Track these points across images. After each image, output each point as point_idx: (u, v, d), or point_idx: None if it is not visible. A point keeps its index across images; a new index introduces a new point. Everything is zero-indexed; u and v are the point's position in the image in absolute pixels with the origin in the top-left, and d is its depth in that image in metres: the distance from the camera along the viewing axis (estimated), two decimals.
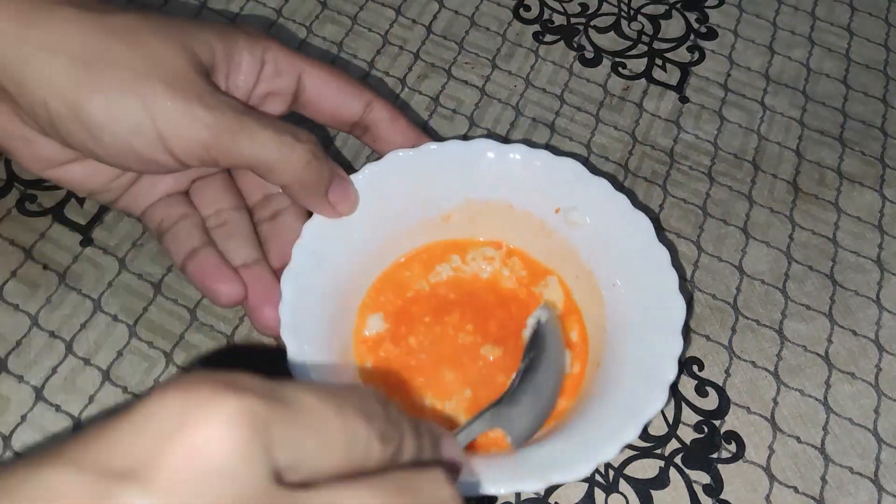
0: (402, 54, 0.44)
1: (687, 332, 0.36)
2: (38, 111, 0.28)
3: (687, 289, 0.38)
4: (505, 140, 0.42)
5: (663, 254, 0.33)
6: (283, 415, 0.17)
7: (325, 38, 0.45)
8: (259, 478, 0.16)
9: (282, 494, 0.16)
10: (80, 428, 0.33)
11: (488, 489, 0.27)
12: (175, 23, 0.30)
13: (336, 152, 0.41)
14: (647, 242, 0.33)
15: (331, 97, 0.33)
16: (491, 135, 0.42)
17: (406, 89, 0.43)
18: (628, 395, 0.30)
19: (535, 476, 0.28)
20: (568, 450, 0.29)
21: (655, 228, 0.34)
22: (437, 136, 0.42)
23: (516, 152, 0.35)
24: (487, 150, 0.35)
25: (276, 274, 0.32)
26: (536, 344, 0.32)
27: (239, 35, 0.31)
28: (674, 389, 0.35)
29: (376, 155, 0.35)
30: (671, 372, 0.30)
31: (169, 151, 0.29)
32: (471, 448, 0.31)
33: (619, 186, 0.36)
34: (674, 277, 0.32)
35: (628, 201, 0.34)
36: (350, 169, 0.41)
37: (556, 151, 0.42)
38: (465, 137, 0.42)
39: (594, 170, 0.35)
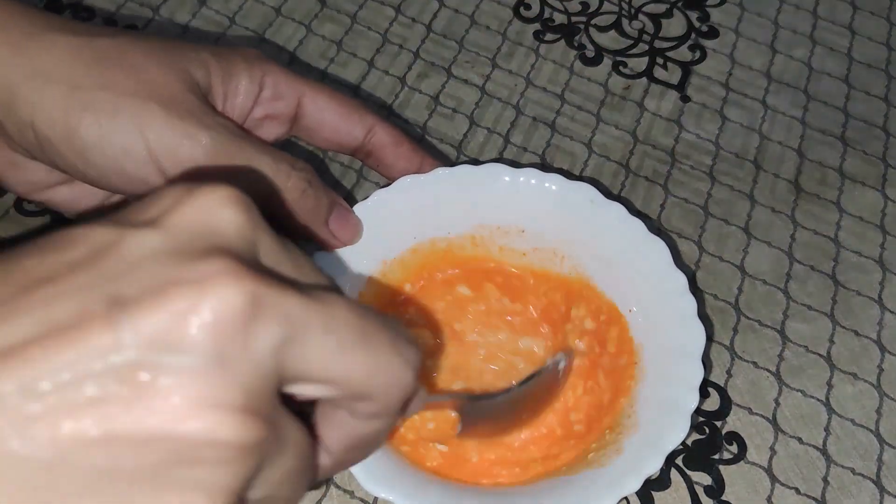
0: (402, 53, 0.44)
1: None
2: (27, 134, 0.28)
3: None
4: (505, 143, 0.42)
5: (681, 279, 0.32)
6: (272, 232, 0.19)
7: (324, 37, 0.44)
8: (248, 247, 0.18)
9: (265, 270, 0.18)
10: None
11: None
12: (169, 45, 0.29)
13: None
14: (664, 268, 0.33)
15: (331, 121, 0.32)
16: (491, 133, 0.42)
17: (406, 88, 0.43)
18: (650, 426, 0.30)
19: None
20: (591, 484, 0.28)
21: (656, 229, 0.33)
22: (437, 151, 0.42)
23: (529, 176, 0.34)
24: (499, 174, 0.34)
25: None
26: (538, 380, 0.32)
27: (237, 58, 0.31)
28: None
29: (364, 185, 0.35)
30: (692, 401, 0.30)
31: (162, 172, 0.28)
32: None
33: (635, 212, 0.36)
34: (692, 303, 0.32)
35: (644, 226, 0.33)
36: (351, 199, 0.40)
37: (557, 151, 0.42)
38: (464, 137, 0.42)
39: (607, 193, 0.35)
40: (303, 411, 0.21)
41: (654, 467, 0.28)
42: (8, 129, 0.28)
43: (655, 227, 0.39)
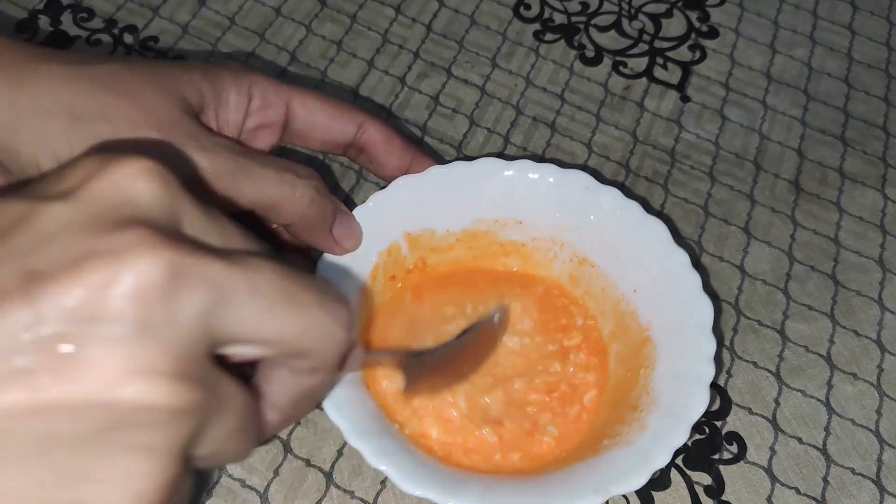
0: (402, 53, 0.44)
1: None
2: (31, 172, 0.28)
3: None
4: (505, 143, 0.42)
5: (682, 256, 0.33)
6: (195, 200, 0.20)
7: (324, 37, 0.44)
8: (166, 217, 0.18)
9: (185, 239, 0.18)
10: None
11: None
12: (160, 68, 0.30)
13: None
14: (665, 247, 0.33)
15: (321, 123, 0.33)
16: (491, 133, 0.42)
17: (406, 88, 0.43)
18: (670, 400, 0.30)
19: (595, 491, 0.28)
20: (622, 461, 0.29)
21: (655, 211, 0.33)
22: (432, 150, 0.42)
23: (523, 168, 0.35)
24: (493, 168, 0.34)
25: None
26: (475, 333, 0.33)
27: (224, 72, 0.31)
28: None
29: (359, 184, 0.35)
30: (709, 372, 0.30)
31: None
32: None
33: (629, 194, 0.36)
34: (696, 278, 0.32)
35: (640, 208, 0.34)
36: (350, 202, 0.40)
37: (558, 151, 0.42)
38: (464, 137, 0.42)
39: (601, 178, 0.35)
40: (244, 373, 0.21)
41: (680, 440, 0.29)
42: (11, 169, 0.28)
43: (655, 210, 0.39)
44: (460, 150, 0.41)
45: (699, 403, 0.30)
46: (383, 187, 0.34)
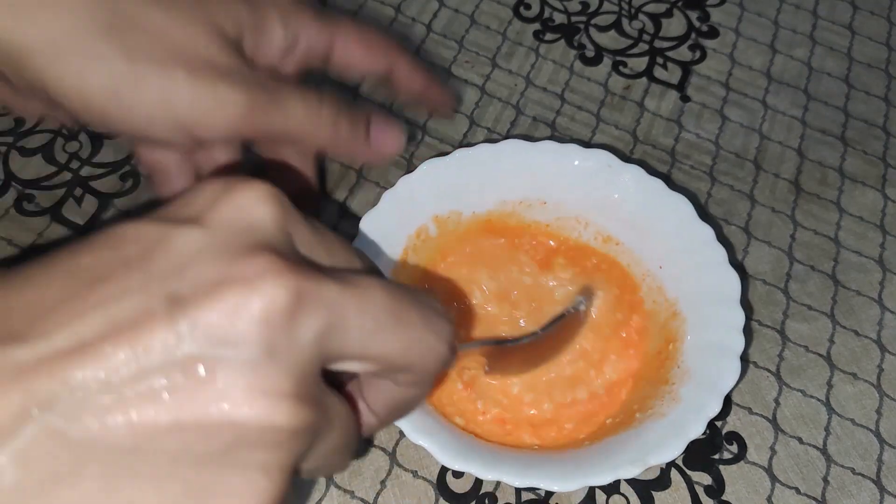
0: None
1: None
2: (39, 95, 0.27)
3: None
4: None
5: (707, 231, 0.34)
6: (306, 220, 0.21)
7: None
8: (286, 240, 0.19)
9: (303, 261, 0.19)
10: None
11: (589, 481, 0.28)
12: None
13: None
14: (689, 222, 0.34)
15: (356, 64, 0.33)
16: (491, 134, 0.42)
17: None
18: (702, 372, 0.31)
19: (632, 462, 0.28)
20: (657, 433, 0.29)
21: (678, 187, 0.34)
22: (432, 151, 0.42)
23: (546, 149, 0.35)
24: (517, 150, 0.35)
25: None
26: (562, 323, 0.33)
27: (270, 9, 0.30)
28: None
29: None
30: (739, 342, 0.31)
31: (193, 137, 0.28)
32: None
33: (653, 171, 0.37)
34: (721, 252, 0.33)
35: (664, 184, 0.35)
36: (351, 199, 0.40)
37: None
38: (464, 137, 0.42)
39: (624, 157, 0.36)
40: (338, 380, 0.23)
41: (714, 410, 0.30)
42: (19, 88, 0.27)
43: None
44: None
45: (731, 374, 0.30)
46: (385, 187, 0.34)
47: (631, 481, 0.33)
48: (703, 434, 0.30)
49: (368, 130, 0.32)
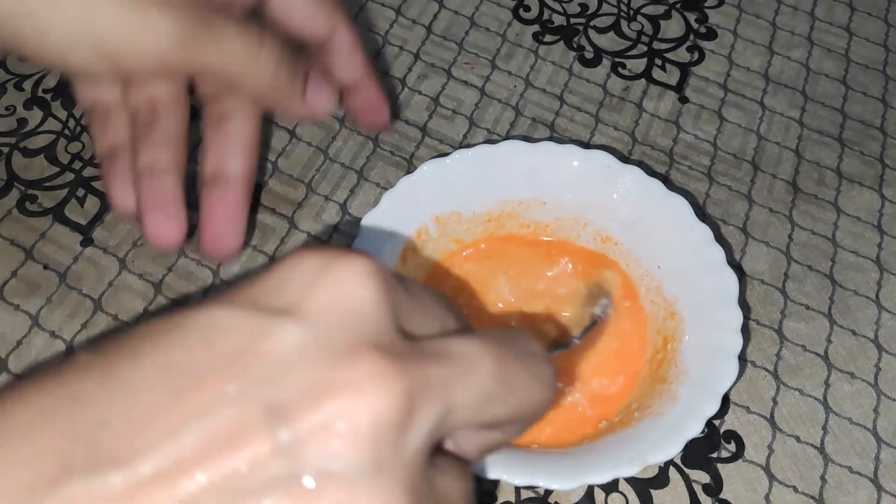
0: (402, 55, 0.45)
1: None
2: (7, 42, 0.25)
3: None
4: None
5: (705, 231, 0.34)
6: (400, 285, 0.19)
7: None
8: (389, 324, 0.18)
9: (406, 340, 0.18)
10: None
11: (588, 480, 0.28)
12: None
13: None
14: (688, 223, 0.34)
15: (297, 16, 0.31)
16: (490, 135, 0.42)
17: (406, 90, 0.43)
18: (699, 372, 0.31)
19: (631, 461, 0.29)
20: (656, 432, 0.30)
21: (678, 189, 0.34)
22: (432, 151, 0.42)
23: (545, 150, 0.36)
24: (516, 150, 0.36)
25: (205, 182, 0.30)
26: (597, 328, 0.34)
27: None
28: None
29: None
30: (737, 343, 0.31)
31: (118, 66, 0.25)
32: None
33: (651, 172, 0.37)
34: (720, 252, 0.33)
35: (662, 185, 0.35)
36: (352, 199, 0.41)
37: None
38: (464, 138, 0.42)
39: (623, 158, 0.36)
40: None
41: (712, 409, 0.30)
42: None
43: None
44: None
45: (728, 374, 0.31)
46: (386, 188, 0.34)
47: (629, 480, 0.33)
48: (701, 433, 0.30)
49: (305, 86, 0.29)
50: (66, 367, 0.16)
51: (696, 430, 0.29)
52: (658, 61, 0.46)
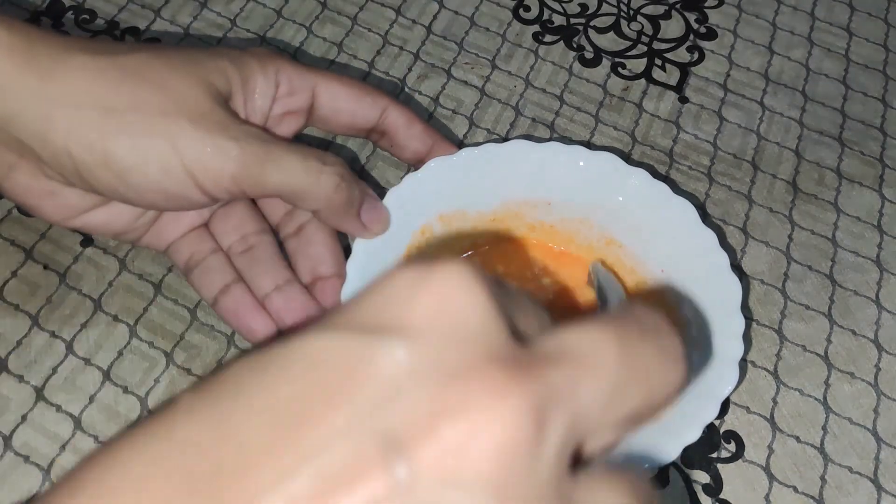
0: (402, 55, 0.45)
1: None
2: (63, 161, 0.28)
3: None
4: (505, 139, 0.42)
5: (710, 236, 0.34)
6: (500, 285, 0.17)
7: (324, 39, 0.45)
8: (501, 330, 0.16)
9: (520, 346, 0.16)
10: (80, 427, 0.33)
11: None
12: (188, 55, 0.30)
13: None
14: (692, 227, 0.34)
15: (346, 108, 0.33)
16: (490, 135, 0.42)
17: (406, 90, 0.43)
18: (699, 377, 0.31)
19: (629, 465, 0.28)
20: (653, 437, 0.29)
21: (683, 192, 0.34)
22: (448, 131, 0.42)
23: (552, 150, 0.36)
24: (523, 150, 0.35)
25: (308, 289, 0.33)
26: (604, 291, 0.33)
27: (251, 59, 0.32)
28: None
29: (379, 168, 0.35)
30: (738, 348, 0.31)
31: (199, 187, 0.29)
32: None
33: (658, 175, 0.37)
34: (724, 257, 0.33)
35: (668, 189, 0.35)
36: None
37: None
38: (464, 138, 0.42)
39: (623, 158, 0.36)
40: None
41: (711, 415, 0.30)
42: (44, 158, 0.28)
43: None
44: None
45: (728, 380, 0.30)
46: (414, 170, 0.34)
47: None
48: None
49: (361, 206, 0.32)
50: (169, 411, 0.16)
51: (693, 436, 0.29)
52: (658, 61, 0.46)
